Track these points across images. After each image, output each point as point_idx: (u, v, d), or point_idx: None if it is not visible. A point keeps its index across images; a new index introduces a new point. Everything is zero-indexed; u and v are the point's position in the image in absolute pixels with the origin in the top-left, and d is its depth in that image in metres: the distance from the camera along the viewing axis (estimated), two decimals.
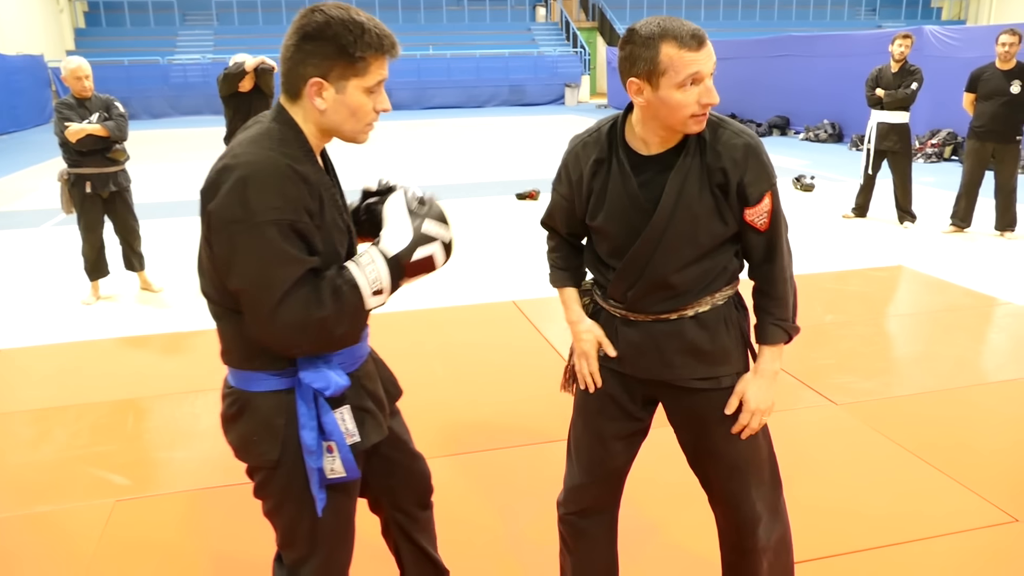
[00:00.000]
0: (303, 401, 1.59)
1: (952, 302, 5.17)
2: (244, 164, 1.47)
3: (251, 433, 1.62)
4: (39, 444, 3.47)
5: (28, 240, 7.42)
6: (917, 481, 3.01)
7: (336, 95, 1.53)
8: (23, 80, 19.62)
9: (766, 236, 1.78)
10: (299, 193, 1.48)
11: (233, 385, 1.65)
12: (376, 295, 1.54)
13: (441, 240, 1.60)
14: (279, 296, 1.45)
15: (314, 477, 1.62)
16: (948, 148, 11.83)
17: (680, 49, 1.61)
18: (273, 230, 1.44)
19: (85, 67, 5.19)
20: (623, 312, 1.87)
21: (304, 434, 1.59)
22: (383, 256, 1.55)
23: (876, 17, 29.48)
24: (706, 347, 1.83)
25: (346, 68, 1.51)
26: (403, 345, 4.49)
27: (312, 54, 1.50)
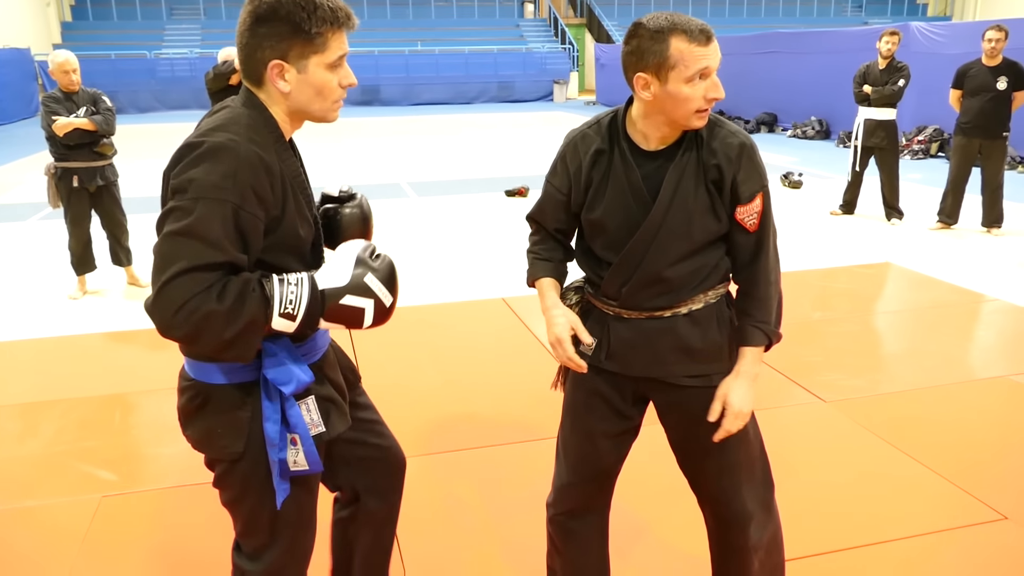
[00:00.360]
0: (267, 394, 1.57)
1: (939, 299, 5.21)
2: (207, 144, 1.44)
3: (215, 426, 1.59)
4: (25, 439, 3.45)
5: (14, 234, 7.36)
6: (906, 478, 3.03)
7: (298, 75, 1.51)
8: (9, 73, 19.44)
9: (754, 237, 1.78)
10: (256, 179, 1.45)
11: (193, 377, 1.60)
12: (284, 318, 1.46)
13: (378, 299, 1.53)
14: (178, 270, 1.37)
15: (276, 469, 1.60)
16: (935, 144, 11.90)
17: (690, 43, 1.62)
18: (209, 207, 1.40)
19: (72, 61, 5.15)
20: (616, 309, 1.86)
21: (267, 427, 1.57)
22: (312, 286, 1.49)
23: (862, 14, 29.64)
24: (698, 344, 1.83)
25: (304, 46, 1.49)
26: (392, 342, 4.48)
27: (267, 36, 1.48)
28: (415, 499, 2.90)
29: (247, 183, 1.43)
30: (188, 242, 1.39)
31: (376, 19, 26.74)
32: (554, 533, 2.08)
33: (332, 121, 1.61)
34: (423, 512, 2.83)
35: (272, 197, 1.48)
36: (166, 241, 1.41)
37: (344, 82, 1.57)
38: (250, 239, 1.46)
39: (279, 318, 1.46)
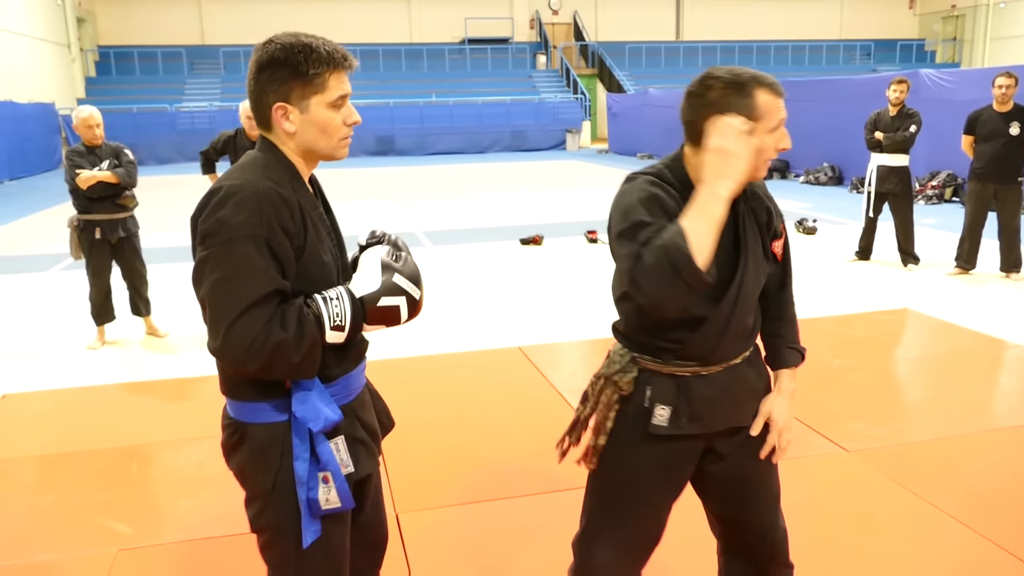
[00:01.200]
0: (296, 432, 1.62)
1: (960, 345, 5.15)
2: (227, 187, 1.55)
3: (247, 463, 1.65)
4: (42, 491, 3.44)
5: (36, 285, 7.45)
6: (932, 531, 2.96)
7: (301, 115, 1.61)
8: (34, 128, 19.89)
9: (782, 265, 1.89)
10: (276, 213, 1.53)
11: (232, 416, 1.68)
12: (336, 331, 1.57)
13: (408, 295, 1.64)
14: (241, 309, 1.48)
15: (305, 508, 1.63)
16: (948, 190, 11.90)
17: (772, 96, 1.68)
18: (245, 244, 1.50)
19: (96, 116, 5.27)
20: (694, 369, 1.79)
21: (297, 465, 1.61)
22: (351, 296, 1.60)
23: (871, 61, 29.96)
24: (758, 384, 1.89)
25: (304, 87, 1.59)
26: (409, 390, 4.47)
27: (270, 81, 1.59)
28: (430, 552, 2.87)
29: (271, 216, 1.53)
30: (237, 283, 1.50)
31: (391, 71, 27.26)
32: None
33: (341, 158, 1.71)
34: (440, 563, 2.79)
35: (294, 227, 1.57)
36: (216, 288, 1.51)
37: (348, 120, 1.66)
38: (286, 267, 1.56)
39: (331, 331, 1.57)
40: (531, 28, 29.90)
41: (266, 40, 1.62)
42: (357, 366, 1.77)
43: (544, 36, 29.36)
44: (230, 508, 3.11)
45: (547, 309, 6.13)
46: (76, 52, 24.73)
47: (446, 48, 28.54)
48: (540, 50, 29.34)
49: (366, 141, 23.69)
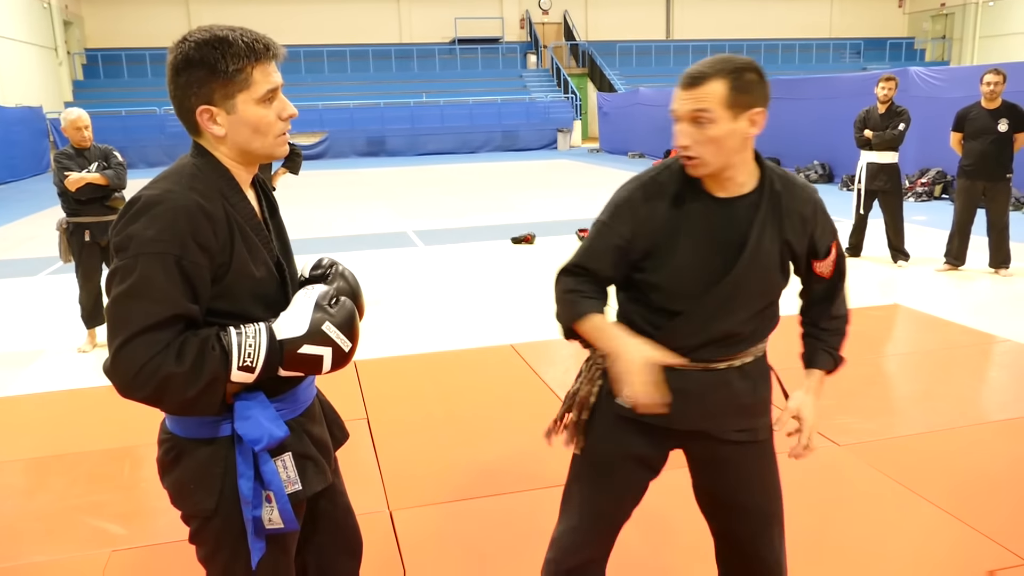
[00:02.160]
0: (240, 450, 1.53)
1: (950, 340, 5.18)
2: (144, 198, 1.44)
3: (187, 481, 1.56)
4: (35, 493, 3.43)
5: (25, 288, 7.41)
6: (923, 523, 2.98)
7: (229, 116, 1.49)
8: (21, 131, 19.77)
9: (829, 282, 1.88)
10: (194, 228, 1.42)
11: (169, 431, 1.59)
12: (243, 371, 1.44)
13: (336, 346, 1.51)
14: (134, 331, 1.37)
15: (250, 527, 1.55)
16: (938, 187, 11.97)
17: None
18: (151, 262, 1.39)
19: (84, 118, 5.25)
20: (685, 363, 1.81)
21: (241, 483, 1.53)
22: (270, 336, 1.47)
23: (861, 60, 30.09)
24: (748, 399, 1.83)
25: (226, 86, 1.47)
26: (401, 389, 4.47)
27: (188, 84, 1.47)
28: (424, 549, 2.87)
29: (186, 232, 1.41)
30: (136, 303, 1.39)
31: (381, 72, 27.23)
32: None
33: (280, 157, 1.60)
34: (433, 561, 2.79)
35: (216, 243, 1.45)
36: (115, 304, 1.41)
37: (283, 115, 1.54)
38: (198, 288, 1.44)
39: (238, 371, 1.44)
40: (521, 28, 29.92)
41: (179, 39, 1.48)
42: (306, 379, 1.68)
43: (534, 36, 29.38)
44: None
45: (539, 307, 6.13)
46: (63, 55, 24.61)
47: (436, 48, 28.53)
48: (530, 50, 29.36)
49: (357, 142, 23.66)
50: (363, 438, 3.79)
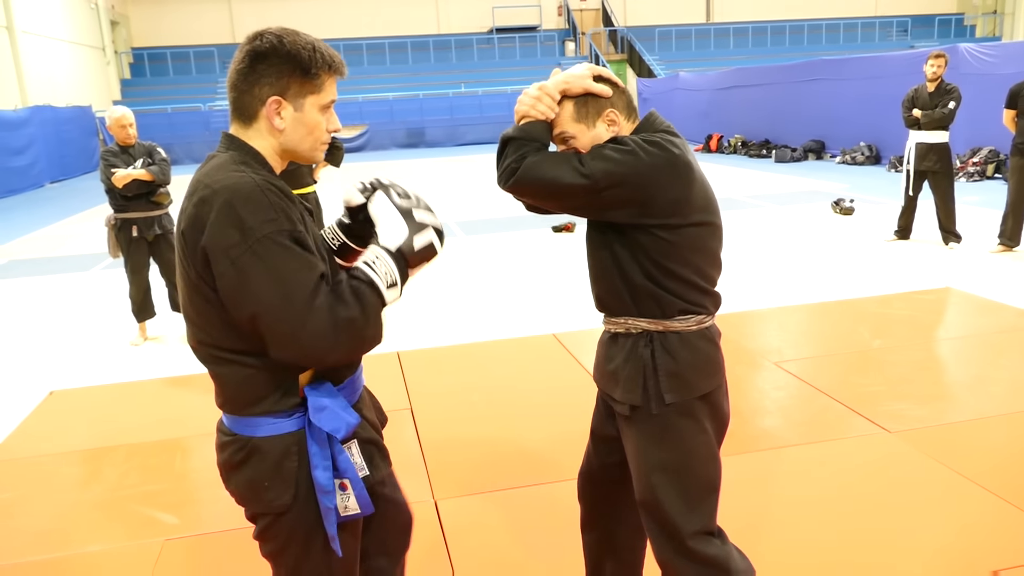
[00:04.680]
0: (315, 441, 1.56)
1: (1004, 323, 5.03)
2: (222, 190, 1.44)
3: (261, 479, 1.57)
4: (89, 484, 3.52)
5: (78, 284, 7.61)
6: (980, 511, 2.90)
7: (294, 113, 1.54)
8: (72, 130, 20.29)
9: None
10: (285, 204, 1.47)
11: (235, 432, 1.59)
12: (392, 288, 1.53)
13: (434, 226, 1.60)
14: (303, 304, 1.41)
15: (331, 517, 1.58)
16: (991, 166, 11.61)
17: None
18: (274, 244, 1.42)
19: (129, 116, 5.35)
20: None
21: (318, 474, 1.56)
22: (387, 251, 1.54)
23: (908, 38, 29.26)
24: (607, 366, 1.94)
25: (303, 85, 1.53)
26: (445, 380, 4.49)
27: (266, 74, 1.51)
28: (469, 538, 2.88)
29: (279, 206, 1.46)
30: (286, 280, 1.42)
31: (420, 63, 27.31)
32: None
33: (316, 162, 1.68)
34: (477, 551, 2.80)
35: (299, 217, 1.52)
36: (269, 295, 1.41)
37: (331, 127, 1.61)
38: (311, 248, 1.50)
39: (388, 291, 1.52)
40: (559, 15, 29.73)
41: (259, 32, 1.53)
42: (359, 365, 1.73)
43: (572, 23, 29.17)
44: None
45: (580, 296, 6.10)
46: (111, 55, 25.17)
47: (474, 38, 28.51)
48: (568, 37, 29.16)
49: (397, 134, 23.79)
50: (407, 428, 3.82)
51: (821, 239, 7.99)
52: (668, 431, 1.84)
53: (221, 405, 1.62)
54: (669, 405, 1.82)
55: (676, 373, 1.82)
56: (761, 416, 3.84)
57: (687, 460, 1.85)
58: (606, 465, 2.09)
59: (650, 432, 1.85)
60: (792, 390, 4.12)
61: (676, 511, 1.84)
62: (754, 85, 18.49)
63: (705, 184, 1.81)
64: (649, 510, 1.89)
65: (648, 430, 1.85)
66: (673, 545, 1.87)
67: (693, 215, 1.77)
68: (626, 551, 2.16)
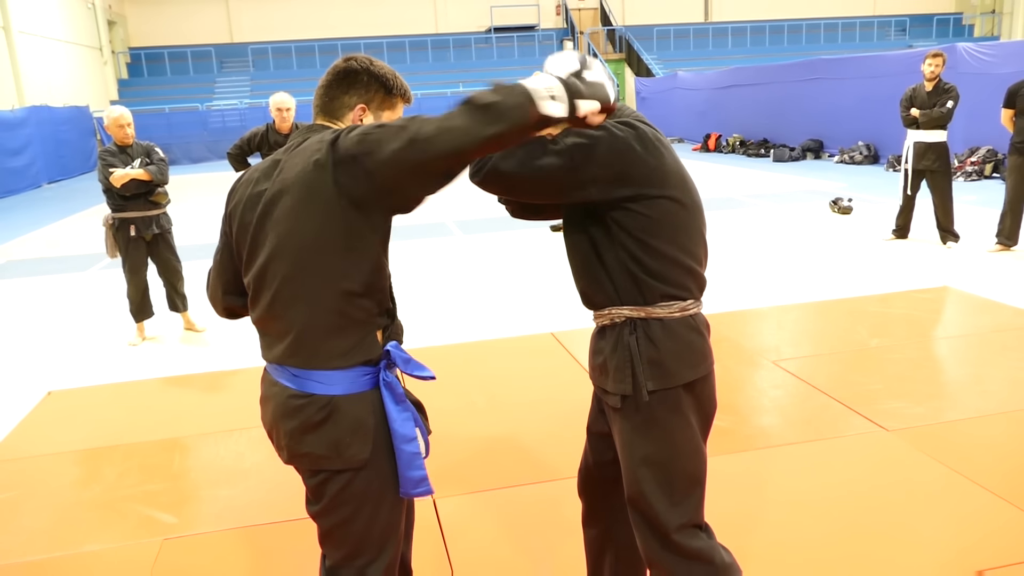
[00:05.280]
0: (393, 397, 1.68)
1: (1002, 323, 5.04)
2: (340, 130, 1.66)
3: (344, 435, 1.65)
4: (88, 484, 3.52)
5: (76, 284, 7.61)
6: (977, 509, 2.91)
7: (372, 120, 1.78)
8: (70, 131, 20.28)
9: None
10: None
11: (311, 392, 1.64)
12: (553, 100, 1.50)
13: (596, 62, 1.64)
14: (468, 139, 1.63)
15: (417, 461, 1.70)
16: (988, 165, 11.62)
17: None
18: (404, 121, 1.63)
19: (127, 115, 5.35)
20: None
21: (399, 426, 1.68)
22: (551, 76, 1.55)
23: (907, 37, 29.29)
24: (595, 358, 1.95)
25: (384, 101, 1.82)
26: (443, 378, 4.47)
27: (356, 86, 1.79)
28: (467, 536, 2.88)
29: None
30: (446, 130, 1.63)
31: (418, 63, 27.31)
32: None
33: None
34: (475, 550, 2.80)
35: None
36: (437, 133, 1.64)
37: None
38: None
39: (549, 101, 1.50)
40: (557, 14, 29.74)
41: (351, 55, 1.82)
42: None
43: (571, 22, 29.18)
44: (271, 497, 3.16)
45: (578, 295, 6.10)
46: (108, 55, 25.15)
47: (472, 38, 28.51)
48: (567, 36, 29.16)
49: None
50: None
51: (819, 238, 8.00)
52: (653, 424, 1.84)
53: (305, 362, 1.65)
54: (653, 394, 1.81)
55: (658, 361, 1.81)
56: (759, 414, 3.85)
57: (672, 454, 1.85)
58: (602, 463, 2.10)
59: (636, 425, 1.86)
60: (790, 389, 4.13)
61: (661, 505, 1.85)
62: (752, 84, 18.50)
63: (679, 165, 1.86)
64: (635, 504, 1.89)
65: (634, 423, 1.86)
66: (658, 539, 1.87)
67: (668, 188, 1.79)
68: (626, 548, 2.16)
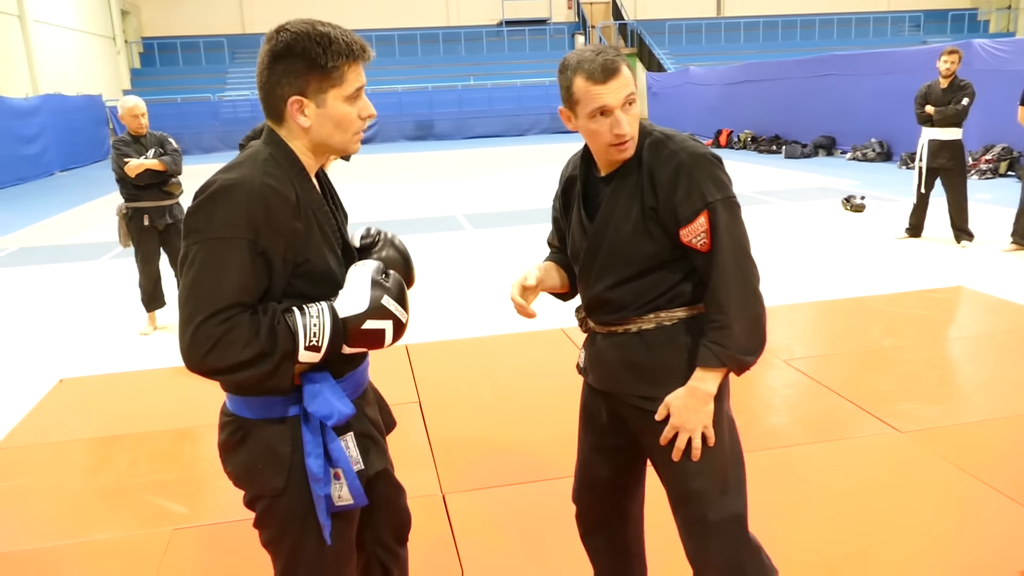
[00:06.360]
0: (308, 429, 1.58)
1: (1017, 323, 4.99)
2: (220, 182, 1.49)
3: (255, 461, 1.59)
4: (99, 472, 3.53)
5: (88, 273, 7.64)
6: (993, 513, 2.88)
7: (318, 109, 1.53)
8: (82, 119, 20.35)
9: (706, 257, 1.72)
10: (268, 212, 1.47)
11: (234, 412, 1.62)
12: (310, 351, 1.48)
13: (396, 318, 1.56)
14: (207, 313, 1.42)
15: (321, 504, 1.59)
16: (1003, 163, 11.52)
17: (587, 82, 1.68)
18: (226, 246, 1.44)
19: (141, 105, 5.35)
20: (591, 325, 1.94)
21: (310, 462, 1.57)
22: (333, 315, 1.51)
23: (920, 33, 29.05)
24: (641, 360, 1.81)
25: (322, 80, 1.52)
26: (454, 374, 4.49)
27: (285, 73, 1.51)
28: (477, 533, 2.88)
29: (259, 217, 1.46)
30: (211, 285, 1.44)
31: (429, 56, 27.26)
32: (587, 553, 2.19)
33: (354, 152, 1.65)
34: (485, 546, 2.80)
35: (291, 227, 1.50)
36: (191, 286, 1.46)
37: (364, 114, 1.59)
38: (273, 270, 1.49)
39: (305, 351, 1.49)
40: (569, 8, 29.61)
41: (278, 28, 1.53)
42: (363, 362, 1.74)
43: (582, 16, 29.07)
44: None
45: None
46: (121, 44, 25.20)
47: (483, 31, 28.43)
48: (578, 30, 29.05)
49: (405, 126, 23.75)
50: (415, 422, 3.82)
51: (831, 236, 7.94)
52: (716, 418, 1.81)
53: (223, 384, 1.63)
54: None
55: None
56: (770, 414, 3.83)
57: (722, 441, 1.82)
58: (611, 474, 2.04)
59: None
60: (802, 388, 4.10)
61: (716, 497, 1.80)
62: (764, 80, 18.39)
63: None
64: (687, 503, 1.83)
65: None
66: (716, 534, 1.81)
67: None
68: (633, 554, 2.14)
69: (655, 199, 1.72)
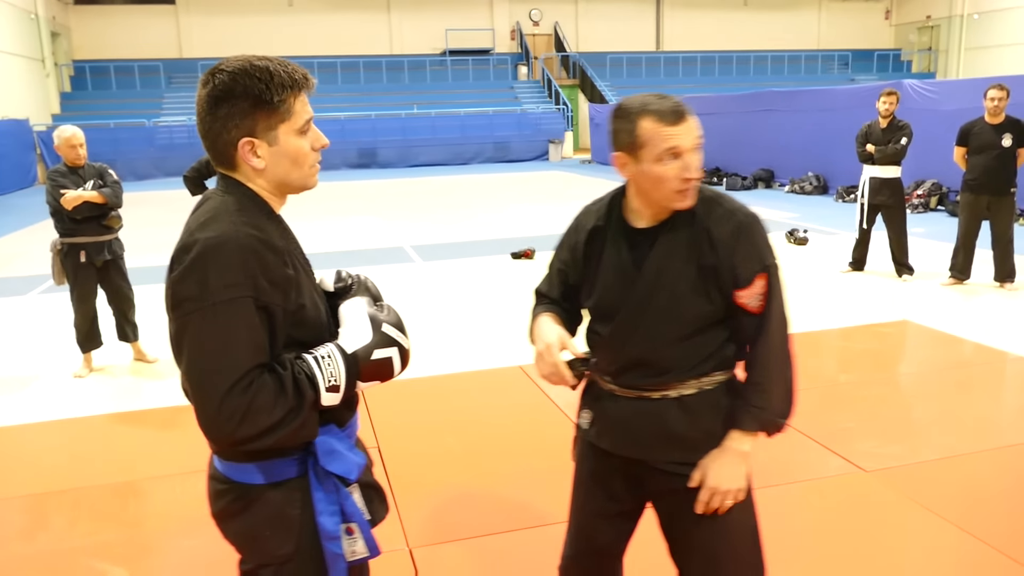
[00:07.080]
0: (320, 487, 1.51)
1: (963, 358, 5.12)
2: (202, 242, 1.39)
3: (261, 528, 1.52)
4: (34, 533, 3.28)
5: (15, 309, 7.24)
6: (961, 555, 2.89)
7: (271, 148, 1.47)
8: (7, 144, 19.53)
9: (756, 320, 1.71)
10: (262, 265, 1.40)
11: (232, 479, 1.52)
12: (331, 392, 1.44)
13: (400, 345, 1.52)
14: (231, 382, 1.34)
15: (339, 564, 1.53)
16: (934, 198, 11.97)
17: (658, 123, 1.63)
18: (230, 309, 1.36)
19: (79, 135, 5.12)
20: (610, 386, 1.84)
21: (324, 521, 1.51)
22: (342, 352, 1.46)
23: (849, 71, 30.28)
24: (683, 430, 1.76)
25: (270, 116, 1.45)
26: (410, 415, 4.35)
27: (230, 116, 1.44)
28: None
29: (256, 271, 1.39)
30: (224, 355, 1.36)
31: (372, 83, 27.13)
32: None
33: (312, 187, 1.58)
34: None
35: (283, 275, 1.43)
36: (202, 362, 1.37)
37: (316, 144, 1.53)
38: (276, 325, 1.42)
39: (327, 393, 1.44)
40: (512, 39, 29.92)
41: (212, 70, 1.45)
42: (359, 406, 1.70)
43: (525, 47, 29.38)
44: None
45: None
46: (51, 67, 24.37)
47: (427, 60, 28.48)
48: (521, 61, 29.35)
49: (348, 154, 23.51)
50: (375, 468, 3.66)
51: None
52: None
53: (219, 453, 1.53)
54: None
55: None
56: None
57: (752, 512, 1.80)
58: (611, 542, 1.96)
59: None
60: None
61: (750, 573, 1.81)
62: (705, 114, 18.65)
63: None
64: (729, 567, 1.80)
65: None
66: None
67: None
68: None
69: (715, 258, 1.68)
